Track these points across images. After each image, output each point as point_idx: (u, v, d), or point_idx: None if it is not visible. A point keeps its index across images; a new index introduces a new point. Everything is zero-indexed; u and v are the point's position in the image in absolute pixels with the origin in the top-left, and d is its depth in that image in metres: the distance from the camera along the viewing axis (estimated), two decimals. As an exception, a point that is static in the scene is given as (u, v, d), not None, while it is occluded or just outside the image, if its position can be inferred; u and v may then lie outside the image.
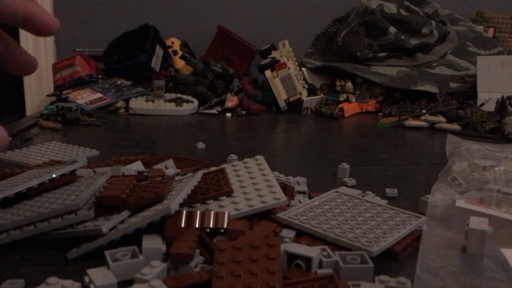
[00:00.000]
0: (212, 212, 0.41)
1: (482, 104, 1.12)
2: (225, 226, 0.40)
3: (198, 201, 0.44)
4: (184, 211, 0.40)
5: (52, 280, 0.32)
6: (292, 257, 0.35)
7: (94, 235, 0.38)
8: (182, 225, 0.39)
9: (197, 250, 0.37)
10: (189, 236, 0.37)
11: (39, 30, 0.31)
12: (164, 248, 0.37)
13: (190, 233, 0.38)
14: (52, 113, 1.04)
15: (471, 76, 1.30)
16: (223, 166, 0.52)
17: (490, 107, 1.07)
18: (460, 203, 0.49)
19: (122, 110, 1.19)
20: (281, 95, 1.23)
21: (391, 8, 1.42)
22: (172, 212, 0.38)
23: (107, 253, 0.35)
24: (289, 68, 1.22)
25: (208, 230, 0.40)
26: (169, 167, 0.57)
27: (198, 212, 0.40)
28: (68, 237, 0.39)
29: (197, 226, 0.39)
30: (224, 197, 0.44)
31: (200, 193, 0.45)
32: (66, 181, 0.47)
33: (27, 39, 1.51)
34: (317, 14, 1.65)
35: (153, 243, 0.37)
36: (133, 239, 0.38)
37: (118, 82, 1.28)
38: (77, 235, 0.39)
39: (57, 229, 0.39)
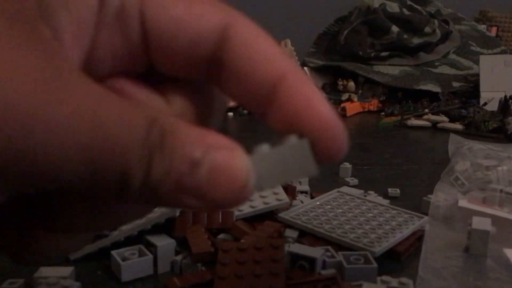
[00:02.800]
0: (220, 212, 0.41)
1: (485, 104, 1.11)
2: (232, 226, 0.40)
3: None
4: (191, 212, 0.40)
5: (52, 280, 0.32)
6: (295, 257, 0.35)
7: (95, 236, 0.38)
8: (190, 225, 0.39)
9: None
10: (201, 235, 0.37)
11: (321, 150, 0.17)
12: (175, 242, 0.37)
13: (199, 231, 0.38)
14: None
15: (473, 76, 1.29)
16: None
17: (493, 106, 1.06)
18: (463, 203, 0.49)
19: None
20: (283, 95, 1.22)
21: (394, 7, 1.42)
22: (177, 214, 0.38)
23: (114, 252, 0.35)
24: (291, 68, 1.22)
25: (214, 230, 0.40)
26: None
27: (206, 212, 0.41)
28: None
29: (205, 225, 0.39)
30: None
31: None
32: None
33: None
34: (319, 13, 1.65)
35: (163, 240, 0.37)
36: (133, 239, 0.38)
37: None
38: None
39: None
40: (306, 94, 0.17)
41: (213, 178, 0.15)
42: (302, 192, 0.51)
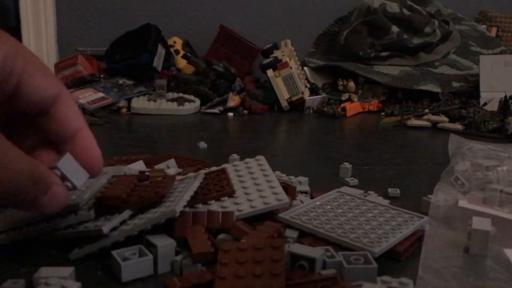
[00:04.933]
0: (220, 212, 0.41)
1: (485, 104, 1.12)
2: (232, 226, 0.40)
3: (200, 201, 0.44)
4: (191, 212, 0.40)
5: (52, 280, 0.32)
6: (295, 257, 0.35)
7: (96, 236, 0.38)
8: (190, 225, 0.39)
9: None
10: (201, 235, 0.37)
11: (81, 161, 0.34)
12: (175, 242, 0.37)
13: (199, 231, 0.38)
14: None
15: (473, 76, 1.29)
16: (224, 166, 0.52)
17: (493, 106, 1.06)
18: (463, 203, 0.49)
19: (124, 110, 1.19)
20: (283, 95, 1.22)
21: (394, 7, 1.42)
22: (177, 214, 0.38)
23: (114, 253, 0.35)
24: (291, 68, 1.22)
25: (214, 230, 0.40)
26: (170, 167, 0.57)
27: (206, 212, 0.40)
28: (68, 237, 0.39)
29: (205, 226, 0.39)
30: (226, 198, 0.44)
31: (202, 194, 0.45)
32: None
33: (29, 38, 1.51)
34: (320, 14, 1.65)
35: (163, 240, 0.37)
36: (133, 239, 0.38)
37: (120, 82, 1.28)
38: (77, 236, 0.39)
39: (57, 229, 0.39)
40: (87, 144, 0.35)
41: (50, 200, 0.32)
42: (302, 192, 0.51)
